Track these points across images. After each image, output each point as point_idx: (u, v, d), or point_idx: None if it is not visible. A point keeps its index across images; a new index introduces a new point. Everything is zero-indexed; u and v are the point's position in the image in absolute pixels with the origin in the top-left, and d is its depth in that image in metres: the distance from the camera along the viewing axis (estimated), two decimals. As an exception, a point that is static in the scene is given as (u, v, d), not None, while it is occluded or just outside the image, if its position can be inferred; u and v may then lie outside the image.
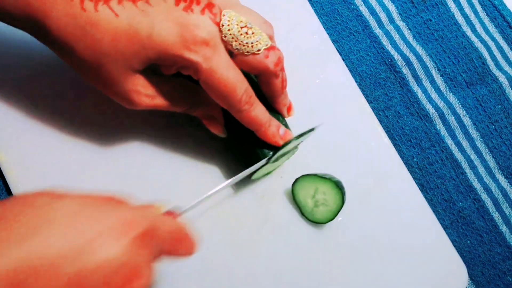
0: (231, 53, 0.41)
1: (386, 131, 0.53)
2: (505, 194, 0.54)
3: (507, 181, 0.55)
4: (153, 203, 0.36)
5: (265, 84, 0.44)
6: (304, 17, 0.54)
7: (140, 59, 0.39)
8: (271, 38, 0.43)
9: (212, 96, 0.42)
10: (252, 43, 0.40)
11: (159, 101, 0.42)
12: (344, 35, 0.57)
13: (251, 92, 0.42)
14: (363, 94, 0.54)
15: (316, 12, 0.56)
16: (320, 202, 0.47)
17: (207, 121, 0.45)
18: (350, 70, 0.54)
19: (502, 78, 0.57)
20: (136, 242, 0.30)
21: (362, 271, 0.48)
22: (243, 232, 0.47)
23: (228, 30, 0.39)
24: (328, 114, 0.52)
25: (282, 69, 0.44)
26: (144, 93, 0.41)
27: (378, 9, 0.58)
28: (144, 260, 0.31)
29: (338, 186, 0.47)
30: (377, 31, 0.58)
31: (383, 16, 0.58)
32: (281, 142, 0.45)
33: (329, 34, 0.55)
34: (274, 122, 0.45)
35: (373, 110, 0.54)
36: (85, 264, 0.28)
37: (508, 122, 0.56)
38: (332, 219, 0.47)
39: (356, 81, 0.54)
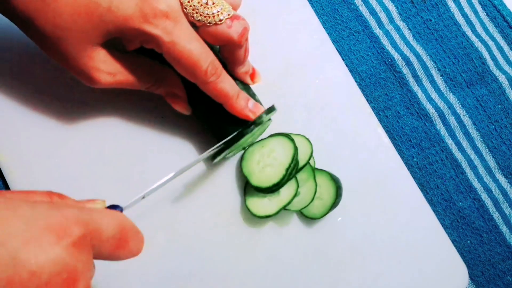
0: (194, 25, 0.41)
1: (386, 131, 0.53)
2: (505, 194, 0.54)
3: (507, 181, 0.55)
4: (94, 199, 0.34)
5: (227, 54, 0.44)
6: (304, 17, 0.54)
7: (100, 33, 0.39)
8: (235, 8, 0.43)
9: (177, 69, 0.41)
10: (213, 13, 0.40)
11: (120, 78, 0.42)
12: (344, 35, 0.57)
13: (217, 64, 0.42)
14: (363, 94, 0.54)
15: (316, 12, 0.56)
16: (316, 195, 0.47)
17: (170, 99, 0.45)
18: (350, 70, 0.54)
19: (502, 78, 0.57)
20: (74, 247, 0.28)
21: (362, 271, 0.48)
22: (238, 231, 0.47)
23: (188, 1, 0.39)
24: (328, 114, 0.52)
25: (247, 40, 0.43)
26: (105, 70, 0.41)
27: (378, 9, 0.58)
28: (83, 265, 0.28)
29: (333, 178, 0.47)
30: (377, 31, 0.58)
31: (383, 16, 0.58)
32: (251, 115, 0.44)
33: (329, 34, 0.55)
34: (243, 95, 0.45)
35: (373, 110, 0.54)
36: (19, 272, 0.26)
37: (508, 122, 0.56)
38: (325, 214, 0.47)
39: (356, 81, 0.54)
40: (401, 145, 0.54)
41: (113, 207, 0.35)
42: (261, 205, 0.46)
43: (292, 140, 0.46)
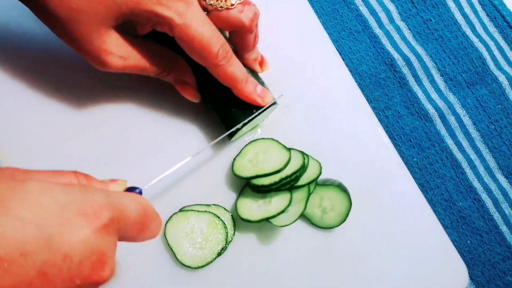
0: (206, 10, 0.41)
1: (386, 131, 0.53)
2: (505, 194, 0.54)
3: (507, 181, 0.55)
4: (116, 179, 0.35)
5: (237, 40, 0.44)
6: (304, 17, 0.54)
7: (113, 15, 0.39)
8: None
9: (188, 52, 0.41)
10: None
11: (131, 62, 0.42)
12: (344, 35, 0.57)
13: (227, 47, 0.42)
14: (363, 94, 0.54)
15: (316, 12, 0.56)
16: (329, 208, 0.47)
17: (180, 86, 0.45)
18: (350, 70, 0.54)
19: (502, 78, 0.57)
20: (103, 230, 0.29)
21: (362, 271, 0.48)
22: (238, 230, 0.47)
23: None
24: (328, 114, 0.52)
25: (256, 25, 0.44)
26: (117, 54, 0.41)
27: (378, 9, 0.59)
28: (110, 248, 0.29)
29: (342, 189, 0.47)
30: (377, 31, 0.58)
31: (383, 16, 0.58)
32: (259, 100, 0.44)
33: (329, 34, 0.55)
34: (252, 80, 0.45)
35: (373, 110, 0.54)
36: (54, 254, 0.26)
37: (508, 122, 0.56)
38: (344, 221, 0.47)
39: (356, 81, 0.54)
40: (401, 145, 0.54)
41: (133, 188, 0.36)
42: (248, 208, 0.46)
43: (303, 156, 0.46)
